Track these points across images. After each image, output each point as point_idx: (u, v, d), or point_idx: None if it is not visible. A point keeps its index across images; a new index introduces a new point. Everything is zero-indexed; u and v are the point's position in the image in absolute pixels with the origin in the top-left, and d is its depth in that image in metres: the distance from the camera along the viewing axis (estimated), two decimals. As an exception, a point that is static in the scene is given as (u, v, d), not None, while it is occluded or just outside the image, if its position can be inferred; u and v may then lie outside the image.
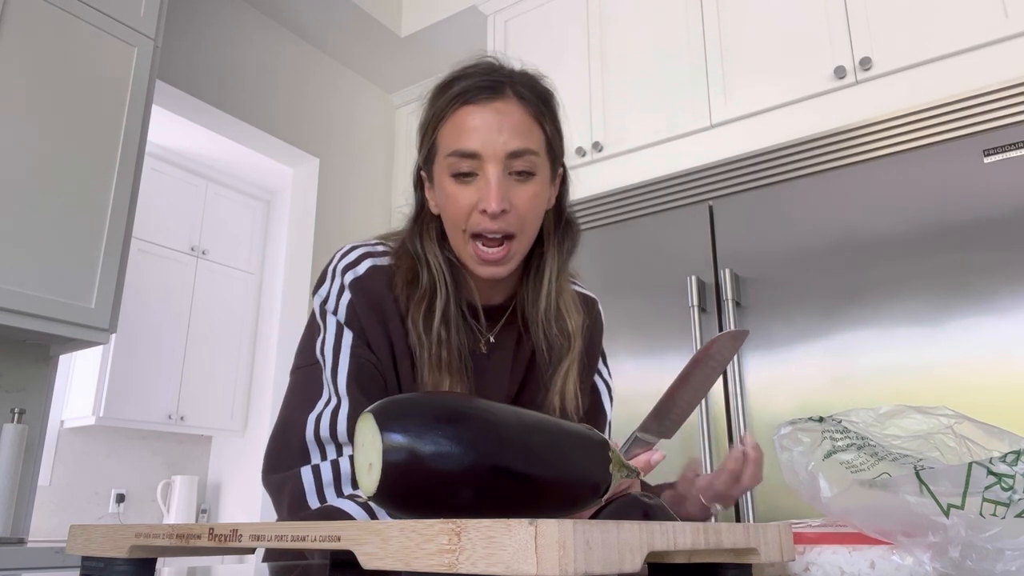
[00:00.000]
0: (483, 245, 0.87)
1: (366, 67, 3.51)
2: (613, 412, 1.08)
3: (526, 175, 0.86)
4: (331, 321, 0.90)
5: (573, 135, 2.49)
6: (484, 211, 0.84)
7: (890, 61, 1.97)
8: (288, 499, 0.81)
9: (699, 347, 1.87)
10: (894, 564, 0.51)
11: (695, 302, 1.92)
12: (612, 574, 0.35)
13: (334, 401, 0.86)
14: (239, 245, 4.75)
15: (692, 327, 1.92)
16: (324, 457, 0.83)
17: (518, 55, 0.97)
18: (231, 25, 3.10)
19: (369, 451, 0.50)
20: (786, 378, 1.79)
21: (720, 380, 1.88)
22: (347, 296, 0.91)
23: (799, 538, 0.54)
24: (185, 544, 0.50)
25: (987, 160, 1.67)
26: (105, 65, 2.29)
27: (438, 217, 0.93)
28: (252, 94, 3.12)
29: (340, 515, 0.76)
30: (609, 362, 1.11)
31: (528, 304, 0.96)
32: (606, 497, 0.58)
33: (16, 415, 2.19)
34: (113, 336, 2.28)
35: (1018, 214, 1.61)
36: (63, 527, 3.77)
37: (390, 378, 0.89)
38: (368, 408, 0.52)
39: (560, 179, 0.97)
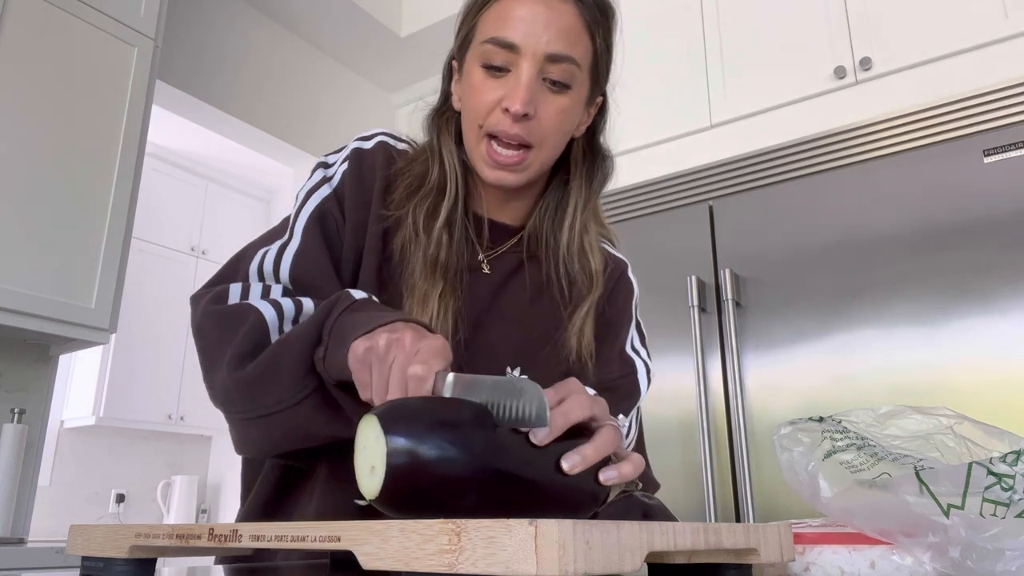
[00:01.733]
0: (498, 146, 0.79)
1: (366, 67, 3.51)
2: None
3: (561, 86, 0.79)
4: (318, 174, 0.87)
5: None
6: (507, 110, 0.77)
7: (890, 61, 1.97)
8: (247, 327, 0.72)
9: (699, 347, 1.88)
10: (894, 564, 0.51)
11: (695, 302, 1.92)
12: (612, 574, 0.35)
13: (286, 238, 0.82)
14: (239, 245, 4.73)
15: (692, 327, 1.92)
16: (266, 295, 0.77)
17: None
18: (231, 25, 3.10)
19: (371, 454, 0.49)
20: (786, 378, 1.79)
21: (720, 380, 1.88)
22: (345, 162, 0.86)
23: (799, 538, 0.54)
24: (185, 544, 0.50)
25: (987, 160, 1.67)
26: (105, 65, 2.29)
27: (460, 115, 0.85)
28: (252, 94, 3.12)
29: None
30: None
31: (547, 233, 0.88)
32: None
33: (16, 415, 2.19)
34: (113, 336, 2.28)
35: (1018, 214, 1.61)
36: (63, 527, 3.77)
37: (352, 257, 0.83)
38: (372, 411, 0.51)
39: (598, 108, 0.90)
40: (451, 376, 0.58)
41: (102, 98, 2.27)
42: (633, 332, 0.97)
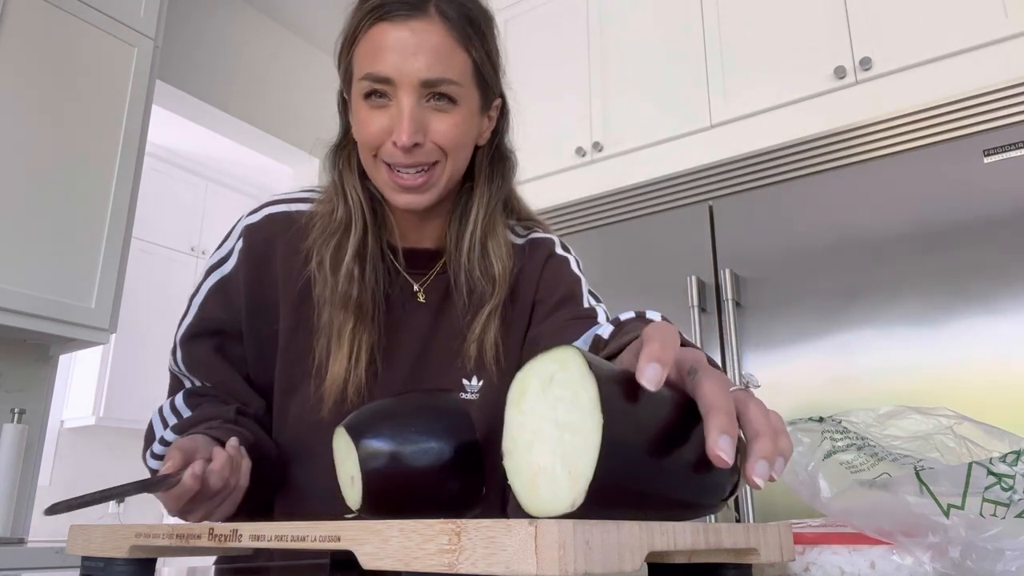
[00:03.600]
0: (400, 170, 0.79)
1: (366, 67, 3.51)
2: None
3: (446, 101, 0.77)
4: (205, 268, 0.89)
5: (573, 135, 2.49)
6: (395, 143, 0.76)
7: (890, 61, 1.97)
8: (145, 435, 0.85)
9: (699, 347, 1.87)
10: (894, 564, 0.51)
11: (695, 302, 1.92)
12: (612, 574, 0.35)
13: (185, 313, 0.90)
14: (239, 245, 4.75)
15: (692, 327, 1.92)
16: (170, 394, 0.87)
17: (518, 55, 0.95)
18: (231, 25, 3.10)
19: (347, 464, 0.48)
20: (786, 378, 1.79)
21: (720, 380, 1.88)
22: (239, 240, 0.87)
23: (799, 538, 0.54)
24: (185, 544, 0.50)
25: (987, 160, 1.67)
26: (105, 65, 2.29)
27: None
28: (252, 94, 3.13)
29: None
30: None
31: (452, 245, 0.87)
32: None
33: (16, 415, 2.19)
34: (113, 336, 2.28)
35: (1018, 214, 1.61)
36: (63, 527, 3.76)
37: (256, 334, 0.85)
38: (341, 423, 0.50)
39: (499, 111, 0.88)
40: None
41: (102, 98, 2.27)
42: (586, 292, 0.95)
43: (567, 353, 0.40)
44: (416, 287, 0.87)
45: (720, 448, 0.40)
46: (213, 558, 0.92)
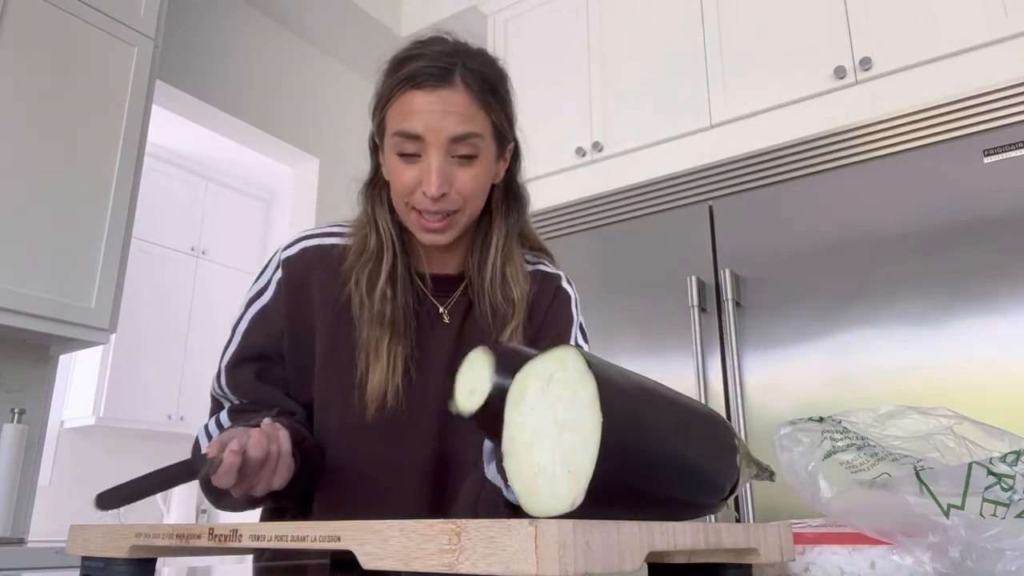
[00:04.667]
0: (426, 216, 0.90)
1: (366, 67, 3.51)
2: None
3: (469, 158, 0.88)
4: (244, 299, 0.97)
5: (573, 135, 2.49)
6: (425, 193, 0.87)
7: (890, 61, 1.97)
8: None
9: (699, 347, 1.88)
10: (894, 564, 0.51)
11: (695, 302, 1.92)
12: (612, 574, 0.35)
13: (229, 341, 0.96)
14: (239, 245, 4.75)
15: (692, 327, 1.92)
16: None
17: (518, 55, 0.98)
18: (231, 25, 3.10)
19: (475, 378, 0.52)
20: (786, 378, 1.79)
21: (720, 380, 1.88)
22: (277, 271, 0.96)
23: (799, 538, 0.54)
24: (185, 544, 0.50)
25: (987, 160, 1.67)
26: (105, 65, 2.29)
27: (389, 184, 0.95)
28: (252, 94, 3.12)
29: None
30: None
31: (473, 273, 0.98)
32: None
33: (16, 415, 2.19)
34: (113, 336, 2.28)
35: (1018, 214, 1.61)
36: (63, 527, 3.76)
37: (295, 355, 0.93)
38: (489, 348, 0.54)
39: (512, 153, 0.99)
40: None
41: (102, 98, 2.27)
42: (577, 332, 1.04)
43: (566, 352, 0.40)
44: (441, 309, 0.97)
45: None
46: (213, 558, 0.93)
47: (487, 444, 0.75)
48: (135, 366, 4.02)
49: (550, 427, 0.40)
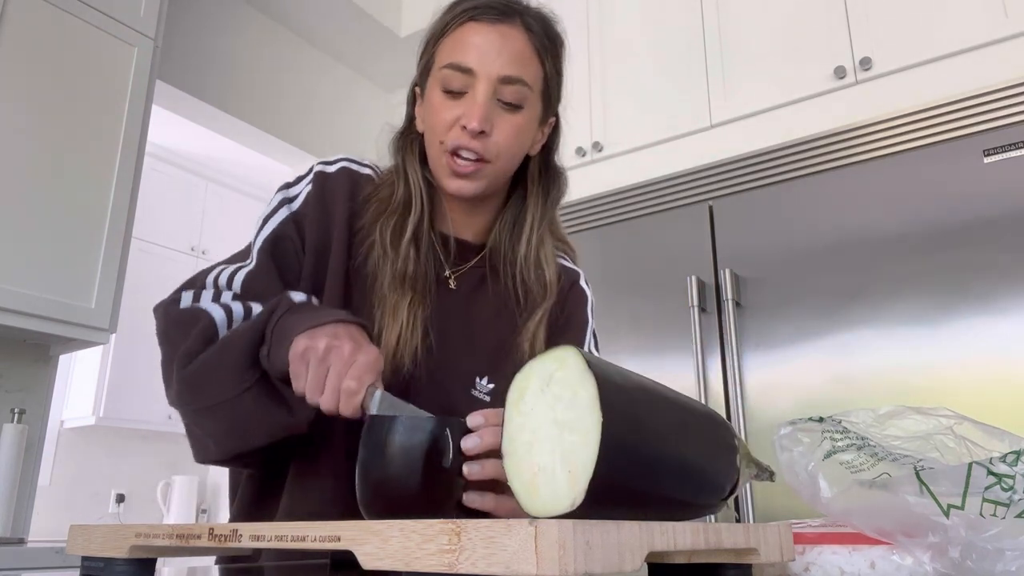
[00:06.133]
0: (459, 159, 0.85)
1: (366, 66, 3.51)
2: None
3: (514, 107, 0.85)
4: (278, 197, 0.92)
5: (573, 135, 2.49)
6: (464, 127, 0.83)
7: (890, 61, 1.97)
8: (198, 329, 0.78)
9: (699, 347, 1.87)
10: (894, 564, 0.51)
11: (695, 302, 1.92)
12: (612, 574, 0.35)
13: (244, 261, 0.88)
14: (239, 245, 4.73)
15: (692, 327, 1.92)
16: (216, 299, 0.83)
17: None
18: (231, 25, 3.10)
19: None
20: (786, 378, 1.79)
21: (720, 380, 1.88)
22: (308, 186, 0.91)
23: (799, 538, 0.54)
24: (185, 544, 0.50)
25: (987, 160, 1.67)
26: (105, 65, 2.29)
27: (423, 137, 0.91)
28: (252, 94, 3.12)
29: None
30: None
31: (505, 247, 0.94)
32: None
33: (16, 415, 2.19)
34: (113, 336, 2.28)
35: (1018, 214, 1.61)
36: (63, 527, 3.76)
37: (312, 277, 0.87)
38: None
39: (552, 128, 0.96)
40: (379, 393, 0.64)
41: (102, 98, 2.27)
42: (590, 338, 1.02)
43: (566, 352, 0.40)
44: (448, 272, 0.92)
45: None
46: (214, 558, 0.92)
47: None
48: (135, 366, 4.02)
49: (550, 427, 0.40)
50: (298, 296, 0.78)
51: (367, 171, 0.94)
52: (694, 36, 2.33)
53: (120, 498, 4.17)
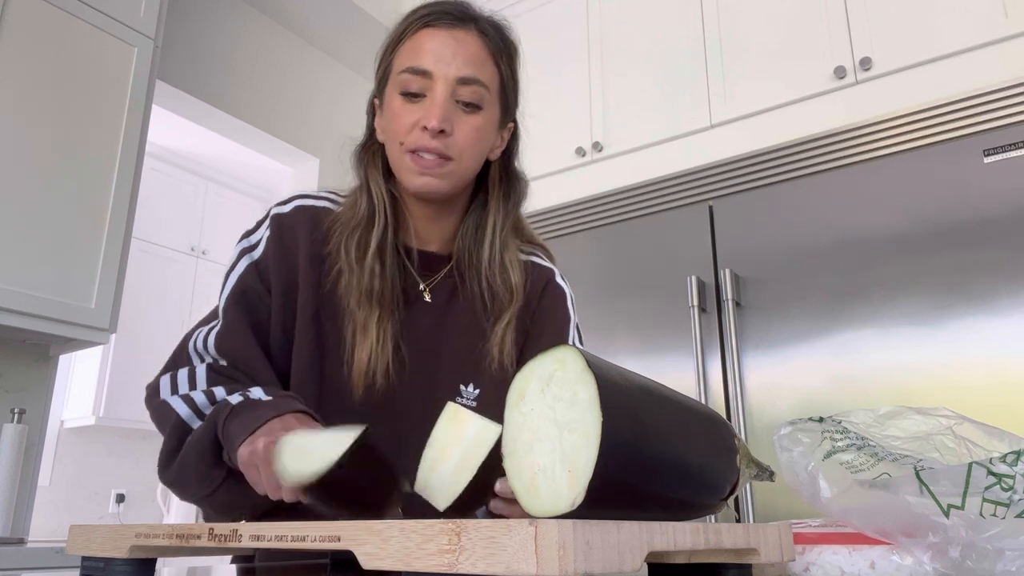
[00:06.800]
0: (421, 155, 0.86)
1: (366, 66, 3.51)
2: None
3: (472, 107, 0.87)
4: (238, 249, 0.93)
5: (573, 135, 2.49)
6: (425, 128, 0.84)
7: (890, 61, 1.96)
8: (170, 428, 0.81)
9: (699, 347, 1.88)
10: (894, 564, 0.51)
11: (695, 302, 1.92)
12: (612, 574, 0.35)
13: (213, 320, 0.89)
14: (239, 245, 4.74)
15: (692, 327, 1.92)
16: (186, 388, 0.84)
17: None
18: (231, 25, 3.10)
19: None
20: (786, 378, 1.79)
21: (720, 380, 1.88)
22: (267, 231, 0.92)
23: (799, 538, 0.54)
24: (185, 544, 0.50)
25: (987, 160, 1.67)
26: (105, 65, 2.29)
27: (384, 148, 0.92)
28: (252, 94, 3.12)
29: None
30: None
31: (469, 253, 0.94)
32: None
33: (16, 415, 2.19)
34: (113, 336, 2.28)
35: (1018, 214, 1.61)
36: (63, 527, 3.76)
37: (282, 317, 0.88)
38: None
39: (511, 133, 0.97)
40: (280, 444, 0.63)
41: (102, 98, 2.27)
42: (574, 332, 1.01)
43: (566, 352, 0.40)
44: (423, 286, 0.93)
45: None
46: (213, 558, 0.92)
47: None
48: (135, 366, 4.02)
49: (550, 427, 0.40)
50: (234, 398, 0.78)
51: (323, 203, 0.94)
52: (694, 36, 2.33)
53: (120, 498, 4.17)
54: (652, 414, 0.41)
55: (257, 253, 0.91)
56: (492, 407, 0.85)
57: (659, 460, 0.41)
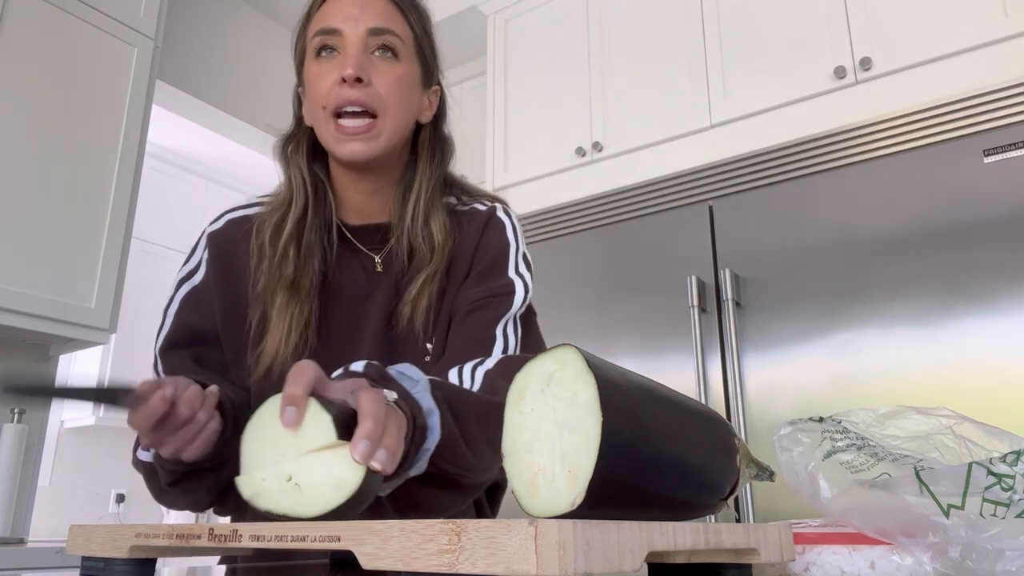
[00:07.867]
0: (344, 121, 0.85)
1: (366, 67, 3.51)
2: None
3: (389, 53, 0.87)
4: (176, 279, 0.92)
5: (573, 135, 2.49)
6: (344, 80, 0.83)
7: (890, 61, 1.96)
8: (144, 473, 0.87)
9: (699, 347, 1.88)
10: (894, 564, 0.51)
11: (695, 302, 1.92)
12: (612, 574, 0.35)
13: (161, 326, 0.90)
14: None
15: (692, 327, 1.92)
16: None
17: (518, 55, 0.97)
18: (231, 25, 3.10)
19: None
20: (786, 378, 1.79)
21: (720, 380, 1.88)
22: (204, 252, 0.92)
23: (799, 538, 0.54)
24: (185, 544, 0.50)
25: (987, 160, 1.67)
26: (105, 65, 2.29)
27: (311, 131, 0.91)
28: (252, 94, 3.13)
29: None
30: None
31: (401, 216, 0.92)
32: None
33: (16, 415, 2.19)
34: (113, 336, 2.28)
35: (1018, 214, 1.61)
36: (63, 527, 3.76)
37: (231, 333, 0.87)
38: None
39: (439, 98, 0.97)
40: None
41: (102, 98, 2.27)
42: (518, 260, 0.96)
43: (566, 352, 0.40)
44: (378, 259, 0.92)
45: (358, 451, 0.50)
46: (213, 558, 0.92)
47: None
48: (135, 366, 4.01)
49: (550, 427, 0.40)
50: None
51: (254, 210, 0.94)
52: (694, 36, 2.33)
53: (120, 498, 4.17)
54: (652, 414, 0.41)
55: (197, 278, 0.91)
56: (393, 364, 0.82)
57: (659, 460, 0.41)
